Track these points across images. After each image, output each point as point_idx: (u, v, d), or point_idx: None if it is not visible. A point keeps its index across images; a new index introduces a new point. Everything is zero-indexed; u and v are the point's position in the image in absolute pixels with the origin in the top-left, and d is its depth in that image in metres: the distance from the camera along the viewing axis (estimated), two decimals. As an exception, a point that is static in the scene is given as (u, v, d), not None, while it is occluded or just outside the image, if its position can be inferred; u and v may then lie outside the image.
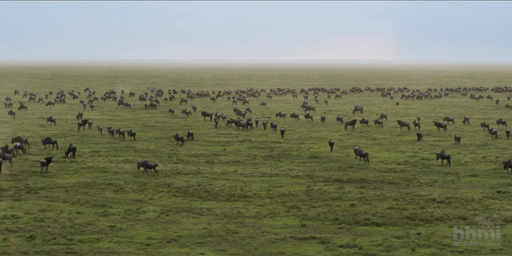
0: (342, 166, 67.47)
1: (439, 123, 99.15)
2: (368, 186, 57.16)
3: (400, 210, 47.79)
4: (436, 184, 58.11)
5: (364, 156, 69.23)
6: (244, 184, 57.22)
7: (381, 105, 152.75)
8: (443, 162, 68.84)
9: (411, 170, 65.38)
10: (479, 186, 57.51)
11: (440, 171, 64.79)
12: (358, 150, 70.00)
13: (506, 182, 59.01)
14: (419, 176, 61.67)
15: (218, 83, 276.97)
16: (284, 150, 78.73)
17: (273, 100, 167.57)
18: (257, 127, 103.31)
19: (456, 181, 59.86)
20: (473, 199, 51.52)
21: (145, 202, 50.29)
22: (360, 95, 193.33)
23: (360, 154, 69.36)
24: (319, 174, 62.64)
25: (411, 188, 56.37)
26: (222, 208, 48.39)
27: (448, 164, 67.78)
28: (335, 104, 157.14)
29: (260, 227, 43.39)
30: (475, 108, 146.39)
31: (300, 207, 48.64)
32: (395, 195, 52.73)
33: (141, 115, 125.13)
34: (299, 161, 70.51)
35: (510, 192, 54.31)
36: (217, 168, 65.69)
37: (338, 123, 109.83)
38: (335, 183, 58.39)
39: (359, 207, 48.86)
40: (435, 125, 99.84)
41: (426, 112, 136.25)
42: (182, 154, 75.01)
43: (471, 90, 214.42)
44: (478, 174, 63.06)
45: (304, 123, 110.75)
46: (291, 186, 56.60)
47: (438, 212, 46.75)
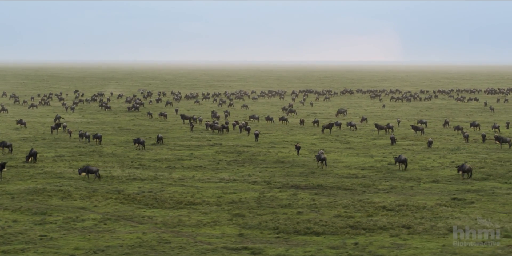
0: (305, 172, 66.39)
1: (416, 127, 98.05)
2: (323, 192, 56.07)
3: (346, 218, 46.69)
4: (394, 191, 57.01)
5: (322, 160, 68.29)
6: (197, 191, 56.18)
7: (368, 108, 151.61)
8: (400, 166, 67.87)
9: (373, 176, 64.27)
10: (437, 192, 56.40)
11: (403, 176, 63.69)
12: (318, 155, 69.13)
13: (466, 188, 57.92)
14: (379, 182, 60.56)
15: (212, 85, 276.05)
16: (252, 154, 77.66)
17: (259, 102, 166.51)
18: (234, 130, 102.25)
19: (416, 187, 58.75)
20: (425, 206, 50.40)
21: (88, 210, 49.25)
22: (351, 97, 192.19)
23: (319, 159, 68.47)
24: (278, 179, 61.55)
25: (367, 194, 55.27)
26: (164, 216, 47.35)
27: (404, 168, 66.81)
28: (321, 106, 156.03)
29: (196, 236, 42.34)
30: (462, 111, 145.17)
31: (245, 215, 47.58)
32: (347, 202, 51.64)
33: (121, 118, 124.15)
34: (263, 166, 69.43)
35: (465, 199, 53.17)
36: (176, 173, 64.66)
37: (315, 126, 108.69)
38: (291, 189, 57.31)
39: (305, 215, 47.78)
40: (412, 129, 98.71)
41: (411, 114, 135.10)
42: (147, 158, 73.98)
43: (463, 92, 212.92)
44: (440, 180, 61.94)
45: (282, 126, 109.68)
46: (244, 193, 55.53)
47: (383, 221, 45.64)
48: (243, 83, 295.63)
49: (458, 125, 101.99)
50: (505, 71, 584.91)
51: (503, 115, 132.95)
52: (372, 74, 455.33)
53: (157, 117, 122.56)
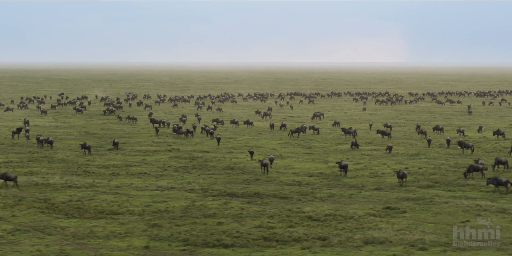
0: (250, 178, 64.93)
1: (383, 131, 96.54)
2: (257, 201, 54.59)
3: (265, 229, 45.23)
4: (331, 199, 55.51)
5: (264, 166, 66.99)
6: (127, 199, 54.76)
7: (348, 111, 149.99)
8: (341, 172, 66.52)
9: (317, 183, 62.77)
10: (375, 201, 54.88)
11: (347, 184, 62.18)
12: (261, 160, 67.86)
13: (405, 197, 56.39)
14: (319, 190, 59.05)
15: (204, 87, 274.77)
16: (205, 160, 76.22)
17: (240, 105, 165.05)
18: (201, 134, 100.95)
19: (355, 195, 57.22)
20: (353, 216, 48.87)
21: (3, 220, 47.89)
22: (337, 100, 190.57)
23: (261, 164, 67.20)
24: (217, 187, 60.08)
25: (300, 203, 53.76)
26: (78, 227, 45.93)
27: (345, 174, 65.50)
28: (302, 109, 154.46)
29: (100, 249, 40.91)
30: (443, 114, 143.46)
31: (162, 226, 46.14)
32: (275, 212, 50.15)
33: (93, 122, 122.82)
34: (210, 173, 68.00)
35: (399, 209, 51.64)
36: (116, 181, 63.24)
37: (282, 131, 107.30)
38: (225, 197, 55.85)
39: (225, 226, 46.33)
40: (378, 133, 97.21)
41: (390, 118, 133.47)
42: (95, 164, 72.59)
43: (452, 95, 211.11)
44: (383, 188, 60.40)
45: (251, 131, 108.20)
46: (175, 202, 54.09)
47: (300, 232, 44.17)
48: (236, 86, 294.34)
49: (421, 129, 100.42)
50: (509, 72, 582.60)
51: (482, 119, 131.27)
52: (371, 76, 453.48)
53: (129, 121, 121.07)
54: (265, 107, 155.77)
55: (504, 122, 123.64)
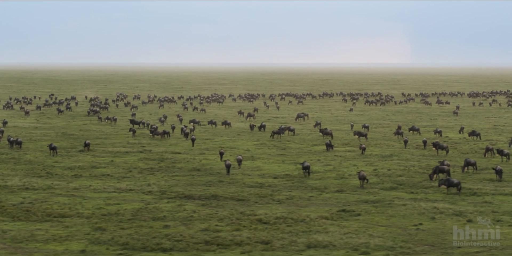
0: (213, 180, 64.05)
1: (359, 132, 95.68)
2: (212, 203, 53.69)
3: (211, 233, 44.32)
4: (288, 201, 54.60)
5: (227, 167, 66.22)
6: (81, 202, 53.88)
7: (335, 112, 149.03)
8: (304, 173, 65.72)
9: (280, 185, 61.87)
10: (332, 203, 53.98)
11: (310, 186, 61.28)
12: (225, 161, 67.16)
13: (365, 199, 55.51)
14: (279, 192, 58.13)
15: (199, 88, 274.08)
16: (174, 161, 75.34)
17: (227, 106, 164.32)
18: (180, 135, 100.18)
19: (315, 197, 56.31)
20: (305, 219, 47.94)
21: None
22: (328, 101, 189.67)
23: (225, 165, 66.48)
24: (177, 189, 59.19)
25: (256, 206, 52.87)
26: (21, 230, 45.06)
27: (308, 174, 64.67)
28: (290, 110, 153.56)
29: (35, 253, 40.04)
30: (429, 115, 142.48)
31: (106, 229, 45.23)
32: (226, 215, 49.24)
33: (74, 122, 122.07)
34: (174, 175, 67.14)
35: (354, 211, 50.71)
36: (76, 182, 62.37)
37: (261, 131, 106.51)
38: (182, 199, 54.99)
39: (171, 229, 45.45)
40: (355, 134, 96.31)
41: (375, 119, 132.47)
42: (61, 166, 71.77)
43: (446, 96, 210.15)
44: (345, 190, 59.48)
45: (232, 132, 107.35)
46: (129, 204, 53.19)
47: (243, 236, 43.25)
48: (232, 86, 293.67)
49: (398, 130, 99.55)
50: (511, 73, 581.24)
51: (468, 120, 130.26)
52: (369, 77, 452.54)
53: (108, 122, 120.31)
54: (252, 108, 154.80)
55: (489, 123, 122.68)
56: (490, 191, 58.50)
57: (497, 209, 51.79)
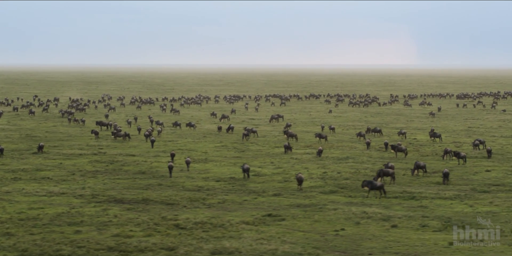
0: (153, 183, 62.76)
1: (320, 134, 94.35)
2: (139, 207, 52.36)
3: (121, 238, 42.98)
4: (218, 206, 53.27)
5: (170, 169, 65.13)
6: (4, 206, 52.63)
7: (314, 113, 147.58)
8: (244, 175, 64.45)
9: (219, 188, 60.55)
10: (263, 207, 52.64)
11: (249, 189, 59.98)
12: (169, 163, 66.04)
13: (298, 203, 54.21)
14: (214, 196, 56.78)
15: (190, 89, 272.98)
16: (123, 164, 74.04)
17: (207, 107, 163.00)
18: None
19: (248, 201, 54.97)
20: (224, 224, 46.57)
21: None
22: (313, 102, 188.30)
23: (168, 167, 65.38)
24: (110, 193, 57.86)
25: (183, 210, 51.54)
26: None
27: (247, 177, 63.41)
28: (269, 111, 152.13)
29: None
30: (408, 116, 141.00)
31: (15, 235, 43.92)
32: (146, 219, 47.92)
33: (45, 124, 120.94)
34: (116, 177, 65.83)
35: (280, 216, 49.33)
36: (10, 186, 61.10)
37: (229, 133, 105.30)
38: (110, 203, 53.68)
39: (81, 234, 44.16)
40: (316, 136, 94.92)
41: (352, 120, 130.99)
42: (6, 168, 70.60)
43: (433, 97, 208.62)
44: (283, 193, 58.10)
45: (198, 133, 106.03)
46: (52, 208, 51.88)
47: (149, 242, 41.87)
48: (225, 87, 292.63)
49: (360, 132, 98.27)
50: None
51: (444, 121, 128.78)
52: (366, 78, 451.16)
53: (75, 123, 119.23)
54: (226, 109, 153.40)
55: (464, 125, 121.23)
56: (431, 195, 57.09)
57: (429, 213, 50.40)
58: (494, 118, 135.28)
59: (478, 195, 57.35)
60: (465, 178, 65.99)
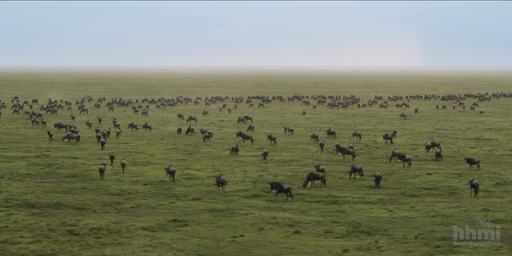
0: (76, 187, 61.31)
1: (270, 136, 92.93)
2: (45, 212, 50.78)
3: (5, 245, 41.66)
4: (129, 210, 51.75)
5: (101, 171, 63.78)
6: None
7: (287, 115, 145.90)
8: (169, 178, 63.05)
9: (142, 192, 59.05)
10: (174, 212, 51.12)
11: (174, 193, 58.37)
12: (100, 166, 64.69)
13: (212, 207, 52.64)
14: (131, 200, 55.25)
15: (178, 91, 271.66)
16: (59, 167, 72.51)
17: (177, 109, 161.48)
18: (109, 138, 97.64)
19: (163, 206, 53.41)
20: (121, 230, 45.02)
21: None
22: (294, 104, 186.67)
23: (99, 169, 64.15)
24: (26, 197, 56.34)
25: (90, 215, 49.98)
26: None
27: (173, 180, 62.04)
28: (243, 113, 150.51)
29: None
30: (382, 118, 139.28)
31: None
32: (45, 225, 46.39)
33: (9, 126, 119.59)
34: (43, 181, 64.31)
35: (186, 221, 47.81)
36: None
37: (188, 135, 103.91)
38: (20, 208, 52.14)
39: (-34, 241, 42.46)
40: (268, 139, 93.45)
41: (322, 122, 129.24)
42: None
43: (417, 98, 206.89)
44: (203, 198, 56.50)
45: (155, 136, 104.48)
46: (-44, 213, 50.26)
47: (29, 249, 40.43)
48: (216, 89, 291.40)
49: (314, 133, 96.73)
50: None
51: (414, 123, 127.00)
52: (364, 79, 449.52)
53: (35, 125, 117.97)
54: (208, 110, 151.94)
55: (433, 127, 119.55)
56: (354, 199, 55.46)
57: (342, 219, 48.78)
58: (468, 120, 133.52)
59: (403, 200, 55.70)
60: (402, 182, 64.35)
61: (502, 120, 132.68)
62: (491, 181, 64.46)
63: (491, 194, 58.14)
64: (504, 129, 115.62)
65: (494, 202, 54.72)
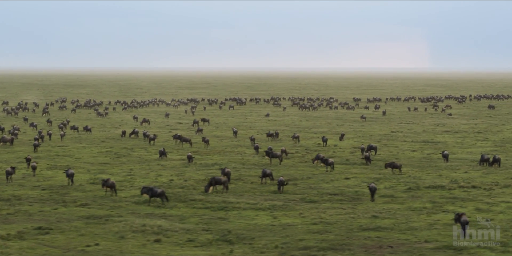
0: (-26, 192, 59.16)
1: (203, 138, 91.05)
2: None
3: None
4: (2, 217, 49.64)
5: (7, 174, 62.23)
6: None
7: (252, 117, 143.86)
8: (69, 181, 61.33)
9: (33, 198, 57.21)
10: (47, 219, 49.13)
11: (63, 199, 56.29)
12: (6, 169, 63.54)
13: (94, 214, 50.53)
14: (11, 207, 53.30)
15: (160, 92, 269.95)
16: (-24, 171, 70.51)
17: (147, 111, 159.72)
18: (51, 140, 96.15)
19: (43, 213, 51.57)
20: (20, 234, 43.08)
21: None
22: (267, 106, 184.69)
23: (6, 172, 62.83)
24: None
25: (-41, 222, 47.84)
26: None
27: (71, 183, 60.54)
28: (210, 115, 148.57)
29: None
30: (345, 120, 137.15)
31: None
32: None
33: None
34: None
35: (50, 229, 45.80)
36: None
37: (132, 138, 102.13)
38: None
39: None
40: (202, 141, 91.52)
41: (281, 125, 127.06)
42: None
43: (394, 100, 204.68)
44: (90, 204, 54.55)
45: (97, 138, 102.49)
46: None
47: None
48: (204, 91, 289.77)
49: (252, 136, 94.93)
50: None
51: (374, 126, 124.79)
52: (359, 81, 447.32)
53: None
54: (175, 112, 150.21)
55: (389, 129, 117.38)
56: (246, 205, 53.38)
57: (217, 227, 46.79)
58: (431, 122, 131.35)
59: (297, 206, 53.63)
60: (313, 187, 62.29)
61: (465, 123, 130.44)
62: (405, 186, 62.36)
63: (393, 200, 56.04)
64: (461, 131, 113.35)
65: (390, 209, 52.60)
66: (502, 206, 53.49)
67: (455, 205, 54.12)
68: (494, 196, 57.69)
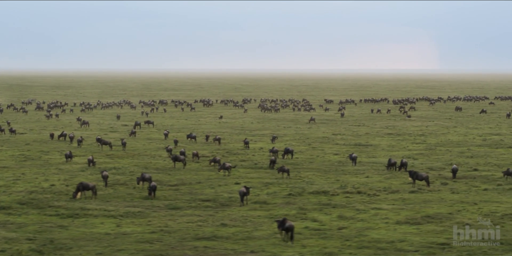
0: None
1: (100, 139, 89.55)
2: None
3: None
4: None
5: None
6: None
7: (205, 120, 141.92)
8: None
9: None
10: None
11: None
12: None
13: None
14: None
15: (142, 94, 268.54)
16: None
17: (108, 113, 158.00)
18: None
19: None
20: None
21: None
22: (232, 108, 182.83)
23: None
24: None
25: None
26: None
27: None
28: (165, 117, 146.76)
29: None
30: (298, 122, 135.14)
31: None
32: None
33: None
34: None
35: None
36: None
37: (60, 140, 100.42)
38: None
39: None
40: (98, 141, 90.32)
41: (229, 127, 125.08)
42: None
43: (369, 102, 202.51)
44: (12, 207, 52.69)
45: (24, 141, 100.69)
46: None
47: None
48: (184, 92, 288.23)
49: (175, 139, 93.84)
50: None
51: (321, 128, 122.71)
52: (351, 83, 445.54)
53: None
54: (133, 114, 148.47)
55: (331, 131, 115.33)
56: (99, 213, 51.48)
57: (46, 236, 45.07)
58: (382, 125, 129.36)
59: (154, 213, 51.75)
60: (193, 192, 60.34)
61: (418, 125, 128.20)
62: (289, 191, 60.24)
63: (261, 207, 54.16)
64: (406, 134, 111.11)
65: (249, 216, 50.59)
66: (369, 214, 51.39)
67: (321, 212, 52.06)
68: (371, 203, 55.61)
